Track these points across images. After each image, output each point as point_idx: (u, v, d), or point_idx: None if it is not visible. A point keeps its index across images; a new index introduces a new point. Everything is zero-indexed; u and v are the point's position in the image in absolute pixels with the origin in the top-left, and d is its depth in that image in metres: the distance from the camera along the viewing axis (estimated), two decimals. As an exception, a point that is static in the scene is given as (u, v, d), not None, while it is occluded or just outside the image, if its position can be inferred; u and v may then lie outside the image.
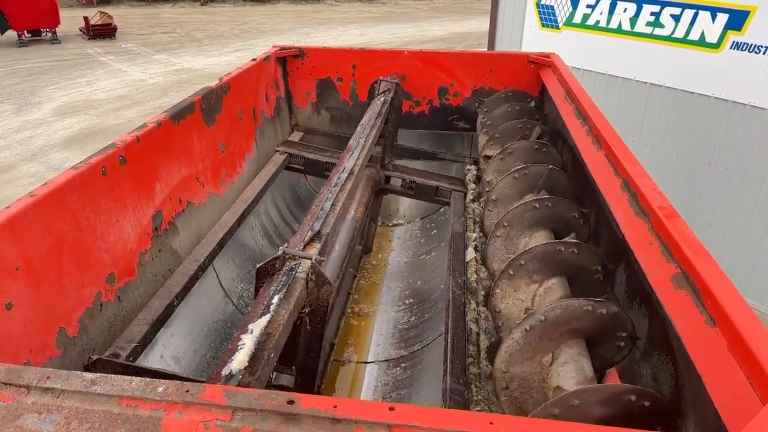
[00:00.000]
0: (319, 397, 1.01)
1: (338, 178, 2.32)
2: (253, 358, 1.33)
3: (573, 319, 1.57)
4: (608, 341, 1.62)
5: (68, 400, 1.03)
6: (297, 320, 1.63)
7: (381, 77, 3.92)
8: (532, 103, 3.57)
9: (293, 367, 1.90)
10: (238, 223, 3.07)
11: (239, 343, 1.33)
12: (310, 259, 1.65)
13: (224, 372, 1.29)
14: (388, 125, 3.79)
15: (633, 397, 1.28)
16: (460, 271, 2.77)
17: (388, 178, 3.96)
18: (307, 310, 1.66)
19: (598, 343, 1.63)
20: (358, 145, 2.76)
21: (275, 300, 1.48)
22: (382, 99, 3.55)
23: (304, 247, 1.78)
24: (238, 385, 1.27)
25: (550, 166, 2.50)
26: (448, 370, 2.10)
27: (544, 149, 2.75)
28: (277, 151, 3.98)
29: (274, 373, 1.89)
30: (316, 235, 1.86)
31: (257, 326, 1.39)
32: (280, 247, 1.71)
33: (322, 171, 3.94)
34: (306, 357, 1.82)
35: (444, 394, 2.01)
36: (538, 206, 2.20)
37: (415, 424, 0.95)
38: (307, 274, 1.64)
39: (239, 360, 1.29)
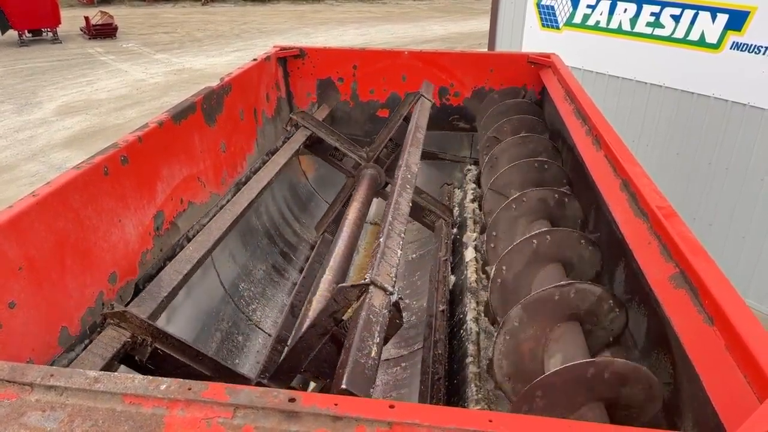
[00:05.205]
0: (320, 395, 1.02)
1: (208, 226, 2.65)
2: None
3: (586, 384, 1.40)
4: (630, 401, 1.45)
5: (72, 397, 1.04)
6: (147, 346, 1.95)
7: (291, 114, 3.91)
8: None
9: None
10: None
11: None
12: (109, 311, 1.95)
13: None
14: (324, 143, 3.80)
15: None
16: (442, 294, 2.91)
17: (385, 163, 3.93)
18: (149, 339, 1.96)
19: (619, 404, 1.45)
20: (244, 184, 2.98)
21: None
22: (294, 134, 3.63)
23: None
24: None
25: (553, 190, 2.35)
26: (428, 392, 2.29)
27: (545, 166, 2.59)
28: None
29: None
30: (146, 292, 2.22)
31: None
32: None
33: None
34: (195, 358, 2.06)
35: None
36: (536, 242, 2.03)
37: (415, 421, 0.95)
38: (117, 322, 1.93)
39: None
